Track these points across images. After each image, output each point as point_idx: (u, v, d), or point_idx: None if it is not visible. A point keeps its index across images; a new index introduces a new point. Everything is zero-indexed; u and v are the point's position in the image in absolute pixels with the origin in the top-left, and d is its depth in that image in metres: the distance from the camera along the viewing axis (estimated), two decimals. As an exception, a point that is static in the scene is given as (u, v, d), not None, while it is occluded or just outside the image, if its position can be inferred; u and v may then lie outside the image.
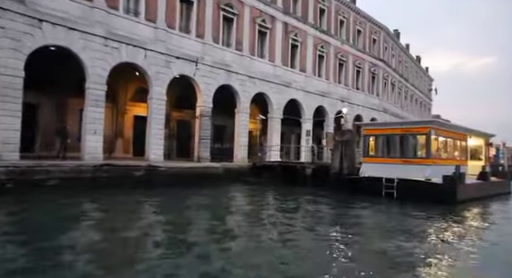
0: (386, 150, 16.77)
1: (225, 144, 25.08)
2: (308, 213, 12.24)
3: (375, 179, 16.14)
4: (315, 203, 14.36)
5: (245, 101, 22.60)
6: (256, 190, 17.97)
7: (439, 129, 15.85)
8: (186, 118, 23.76)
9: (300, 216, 11.77)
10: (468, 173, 18.32)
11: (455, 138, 17.53)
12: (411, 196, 14.76)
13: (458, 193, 14.39)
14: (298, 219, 11.02)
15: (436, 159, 15.76)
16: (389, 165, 16.07)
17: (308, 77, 28.01)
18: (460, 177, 14.71)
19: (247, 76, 22.61)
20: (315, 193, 17.35)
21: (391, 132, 16.48)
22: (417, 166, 15.51)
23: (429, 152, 15.36)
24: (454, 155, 17.62)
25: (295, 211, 12.50)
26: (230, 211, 12.11)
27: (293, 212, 12.05)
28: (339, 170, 18.00)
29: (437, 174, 14.78)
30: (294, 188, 19.04)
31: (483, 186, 17.28)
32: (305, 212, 12.45)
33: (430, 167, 15.28)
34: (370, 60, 36.23)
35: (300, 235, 8.76)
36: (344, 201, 15.10)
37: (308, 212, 12.53)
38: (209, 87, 20.26)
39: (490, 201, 16.67)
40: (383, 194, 15.76)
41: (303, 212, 12.47)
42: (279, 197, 15.87)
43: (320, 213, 12.20)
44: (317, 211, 12.61)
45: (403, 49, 46.49)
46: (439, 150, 16.25)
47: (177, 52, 18.47)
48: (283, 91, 25.51)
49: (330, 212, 12.72)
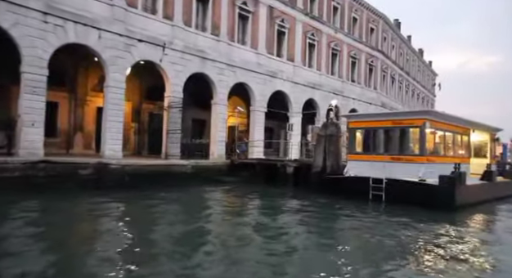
0: (374, 145, 14.51)
1: (204, 139, 22.92)
2: (260, 228, 9.56)
3: (361, 179, 13.95)
4: (282, 212, 12.05)
5: (223, 92, 20.40)
6: (225, 192, 15.81)
7: (436, 121, 13.57)
8: (160, 111, 21.64)
9: (250, 230, 9.20)
10: (470, 173, 16.12)
11: (455, 132, 15.24)
12: (402, 200, 12.58)
13: (457, 196, 12.14)
14: (245, 235, 8.64)
15: (432, 157, 13.50)
16: (377, 163, 13.83)
17: (297, 67, 25.73)
18: (460, 178, 12.45)
19: (225, 64, 20.40)
20: (293, 196, 15.20)
21: (379, 124, 14.23)
22: (409, 164, 13.27)
23: (424, 148, 13.11)
24: (453, 152, 15.33)
25: (247, 223, 10.05)
26: (165, 225, 9.94)
27: (242, 225, 9.68)
28: (321, 169, 15.79)
29: (433, 174, 12.55)
30: (271, 189, 16.90)
31: (488, 188, 14.99)
32: (257, 227, 9.73)
33: (424, 165, 13.03)
34: (367, 50, 33.85)
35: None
36: (323, 206, 12.90)
37: (262, 226, 9.53)
38: (180, 75, 18.08)
39: (495, 205, 14.37)
40: (370, 196, 13.57)
41: (253, 226, 9.84)
42: (243, 202, 13.69)
43: (282, 229, 9.41)
44: (281, 226, 9.88)
45: (404, 40, 43.99)
46: (436, 146, 13.98)
47: (139, 35, 16.29)
48: (267, 82, 23.27)
49: (299, 223, 10.43)
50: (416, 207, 12.11)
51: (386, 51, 37.61)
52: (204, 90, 20.56)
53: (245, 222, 9.77)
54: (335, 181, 14.84)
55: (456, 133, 15.43)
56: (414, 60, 48.60)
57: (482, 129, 17.86)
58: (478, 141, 19.38)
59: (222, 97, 20.31)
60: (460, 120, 15.51)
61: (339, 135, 15.83)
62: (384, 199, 13.26)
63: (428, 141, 13.60)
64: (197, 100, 20.91)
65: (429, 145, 13.80)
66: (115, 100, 15.47)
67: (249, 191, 16.15)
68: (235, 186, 17.38)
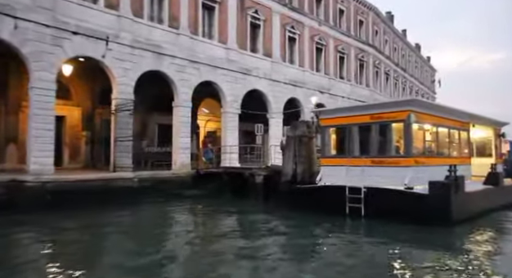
0: (350, 146, 11.88)
1: (170, 147, 20.42)
2: (213, 262, 7.29)
3: (336, 189, 11.35)
4: (240, 236, 9.52)
5: (186, 92, 17.89)
6: (181, 209, 13.27)
7: (424, 114, 10.94)
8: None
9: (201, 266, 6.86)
10: (471, 175, 13.49)
11: (450, 127, 12.59)
12: (386, 213, 9.99)
13: (454, 207, 9.49)
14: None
15: (421, 158, 10.85)
16: (355, 168, 11.22)
17: (276, 63, 23.22)
18: (457, 183, 9.79)
19: (187, 60, 17.92)
20: (261, 212, 12.70)
21: (355, 120, 11.61)
22: (393, 169, 10.65)
23: (410, 147, 10.47)
24: (449, 151, 12.66)
25: (192, 255, 7.65)
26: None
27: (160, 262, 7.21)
28: (291, 177, 13.18)
29: (423, 180, 9.92)
30: (238, 203, 14.39)
31: (493, 194, 12.28)
32: (209, 259, 7.53)
33: (412, 169, 10.38)
34: (357, 45, 31.31)
35: None
36: (289, 226, 10.35)
37: (215, 258, 7.56)
38: (129, 73, 15.61)
39: (503, 216, 11.64)
40: (346, 210, 10.95)
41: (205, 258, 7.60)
42: (195, 224, 11.20)
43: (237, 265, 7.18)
44: (236, 260, 7.61)
45: (398, 35, 41.42)
46: (426, 145, 11.33)
47: (74, 26, 13.87)
48: (240, 80, 20.76)
49: (252, 256, 7.84)
50: (403, 222, 9.53)
51: (378, 45, 35.06)
52: (170, 91, 18.09)
53: (188, 255, 7.19)
54: (306, 192, 12.22)
55: (452, 128, 12.78)
56: (410, 56, 45.98)
57: (484, 123, 15.19)
58: (480, 137, 16.72)
59: (184, 98, 17.80)
60: (456, 112, 12.86)
61: (311, 136, 13.22)
62: (363, 213, 10.63)
63: (415, 139, 10.98)
64: (163, 102, 18.40)
65: (418, 144, 11.17)
66: (43, 104, 12.97)
67: (210, 208, 13.71)
68: (196, 202, 14.84)
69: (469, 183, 12.41)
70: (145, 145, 20.22)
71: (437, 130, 11.85)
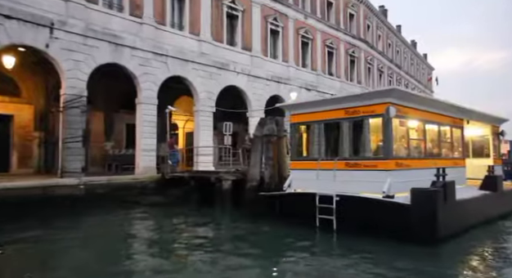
0: (322, 146, 10.12)
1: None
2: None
3: (305, 197, 9.61)
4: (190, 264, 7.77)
5: (151, 88, 16.16)
6: (136, 221, 11.49)
7: (407, 107, 9.19)
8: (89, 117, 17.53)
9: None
10: (466, 179, 11.81)
11: (440, 123, 10.84)
12: (361, 227, 8.26)
13: (440, 221, 7.74)
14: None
15: (403, 160, 9.09)
16: (327, 173, 9.47)
17: (256, 57, 21.50)
18: (446, 191, 8.03)
19: (152, 53, 16.19)
20: (224, 223, 10.94)
21: (328, 116, 9.85)
22: (370, 173, 8.89)
23: (389, 147, 8.70)
24: (439, 152, 10.92)
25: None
26: None
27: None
28: (258, 183, 11.45)
29: (406, 186, 8.16)
30: (204, 213, 12.70)
31: (490, 201, 10.52)
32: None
33: (391, 174, 8.62)
34: (347, 39, 29.59)
35: None
36: (246, 243, 8.57)
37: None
38: (81, 66, 13.87)
39: (502, 228, 9.86)
40: (316, 222, 9.23)
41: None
42: (141, 241, 9.36)
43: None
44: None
45: (393, 30, 39.71)
46: (410, 144, 9.57)
47: (6, 9, 12.11)
48: (215, 76, 19.04)
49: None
50: (382, 238, 7.81)
51: (371, 40, 33.35)
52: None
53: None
54: (272, 201, 10.48)
55: (443, 125, 11.03)
56: (406, 53, 44.27)
57: (480, 120, 13.44)
58: (476, 136, 15.00)
59: (149, 95, 16.07)
60: (447, 107, 11.12)
61: (280, 135, 11.48)
62: (335, 226, 8.89)
63: (397, 137, 9.25)
64: (133, 100, 16.65)
65: (400, 143, 9.45)
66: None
67: (166, 219, 11.96)
68: (154, 211, 13.07)
69: (462, 189, 10.69)
70: (111, 147, 18.50)
71: (425, 127, 10.09)
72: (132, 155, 16.81)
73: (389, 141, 8.68)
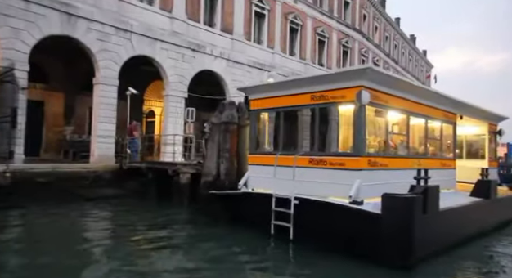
0: (283, 138, 8.47)
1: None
2: None
3: (261, 198, 8.02)
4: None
5: (111, 67, 14.42)
6: (51, 222, 9.77)
7: (386, 94, 7.52)
8: (40, 97, 15.89)
9: None
10: (458, 181, 10.32)
11: (427, 117, 9.20)
12: (322, 239, 6.70)
13: (417, 238, 6.14)
14: None
15: (378, 158, 7.44)
16: (286, 170, 7.84)
17: (237, 41, 19.74)
18: (427, 198, 6.41)
19: (114, 27, 14.42)
20: (168, 223, 9.33)
21: (292, 102, 8.16)
22: (337, 172, 7.25)
23: (360, 142, 7.03)
24: (425, 150, 9.30)
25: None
26: None
27: None
28: (214, 178, 9.81)
29: (380, 190, 6.52)
30: (155, 209, 11.16)
31: (482, 210, 8.93)
32: None
33: (362, 174, 6.97)
34: (341, 28, 27.80)
35: None
36: (182, 250, 6.99)
37: None
38: (21, 35, 12.06)
39: (496, 247, 8.25)
40: (271, 229, 7.65)
41: None
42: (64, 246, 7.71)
43: None
44: None
45: (391, 22, 37.89)
46: (388, 139, 7.91)
47: None
48: (189, 58, 17.29)
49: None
50: (346, 256, 6.27)
51: (366, 31, 31.58)
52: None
53: None
54: (225, 201, 8.87)
55: (431, 119, 9.39)
56: (404, 47, 42.50)
57: (476, 116, 11.81)
58: (471, 134, 13.43)
59: (108, 75, 14.33)
60: (437, 98, 9.47)
61: (242, 123, 9.81)
62: (291, 235, 7.28)
63: (372, 130, 7.62)
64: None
65: (374, 138, 7.82)
66: None
67: (110, 216, 10.37)
68: (100, 206, 11.43)
69: (449, 195, 9.12)
70: (71, 131, 16.78)
71: (408, 120, 8.44)
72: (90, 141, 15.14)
73: (361, 135, 7.02)
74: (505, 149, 34.57)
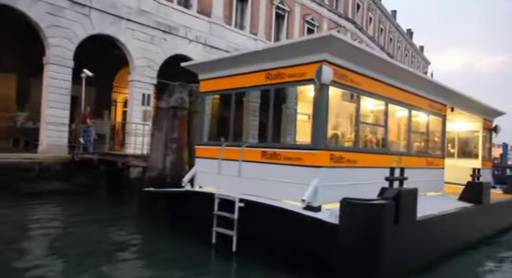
0: (236, 126, 6.99)
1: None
2: None
3: (201, 199, 6.58)
4: None
5: (64, 45, 12.86)
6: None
7: (357, 74, 6.03)
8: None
9: None
10: (447, 182, 9.00)
11: (412, 106, 7.75)
12: (271, 253, 5.31)
13: (386, 254, 4.71)
14: None
15: (342, 153, 5.97)
16: (232, 165, 6.40)
17: (216, 25, 18.17)
18: (399, 205, 4.98)
19: (69, 0, 12.85)
20: (109, 224, 7.89)
21: (246, 82, 6.66)
22: (292, 169, 5.79)
23: (320, 131, 5.56)
24: (408, 146, 7.86)
25: None
26: None
27: None
28: (159, 172, 8.34)
29: (342, 194, 5.06)
30: (101, 207, 9.77)
31: (471, 218, 7.52)
32: None
33: (321, 172, 5.51)
34: (332, 17, 26.26)
35: None
36: (102, 264, 5.52)
37: None
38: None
39: (488, 261, 6.84)
40: (213, 237, 6.21)
41: None
42: None
43: None
44: None
45: (386, 14, 36.36)
46: (358, 130, 6.42)
47: None
48: (159, 40, 15.74)
49: None
50: (302, 273, 4.88)
51: (360, 22, 30.05)
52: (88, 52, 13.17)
53: None
54: (167, 201, 7.43)
55: (416, 109, 7.94)
56: (400, 41, 41.02)
57: (469, 109, 10.39)
58: (464, 130, 12.07)
59: (60, 54, 12.78)
60: (423, 83, 8.02)
61: (192, 108, 8.32)
62: (235, 246, 5.84)
63: (336, 118, 6.18)
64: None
65: (339, 127, 6.37)
66: None
67: (48, 215, 8.87)
68: (40, 204, 9.93)
69: (434, 199, 7.75)
70: (23, 118, 15.20)
71: (387, 108, 6.98)
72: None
73: (321, 122, 5.56)
74: (500, 149, 33.35)
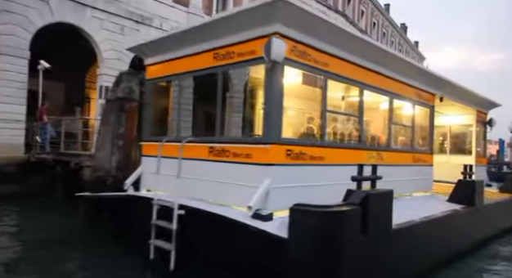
0: (175, 118, 5.92)
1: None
2: None
3: (143, 205, 5.47)
4: None
5: (17, 34, 11.70)
6: None
7: (319, 51, 4.97)
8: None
9: None
10: (439, 180, 8.05)
11: (392, 93, 6.69)
12: (216, 270, 4.19)
13: (349, 273, 3.65)
14: None
15: (302, 148, 4.88)
16: (171, 163, 5.34)
17: (194, 15, 17.05)
18: (367, 212, 3.91)
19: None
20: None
21: (193, 65, 5.57)
22: (240, 168, 4.72)
23: (271, 121, 4.49)
24: (387, 139, 6.82)
25: None
26: None
27: None
28: (106, 173, 7.23)
29: (303, 198, 3.98)
30: (53, 214, 8.70)
31: (463, 223, 6.47)
32: None
33: (272, 172, 4.44)
34: (321, 9, 25.11)
35: None
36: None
37: None
38: None
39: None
40: (151, 252, 5.11)
41: None
42: None
43: None
44: None
45: (379, 8, 35.33)
46: (323, 120, 5.34)
47: None
48: (130, 31, 14.63)
49: None
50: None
51: (351, 15, 29.01)
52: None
53: None
54: (109, 207, 6.35)
55: (398, 97, 6.89)
56: (393, 36, 40.00)
57: (461, 100, 9.37)
58: (457, 124, 11.09)
59: (13, 43, 11.60)
60: (407, 68, 6.96)
61: (143, 100, 7.21)
62: (173, 264, 4.74)
63: (294, 104, 5.10)
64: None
65: (300, 117, 5.31)
66: None
67: None
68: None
69: (419, 201, 6.73)
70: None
71: (362, 95, 5.91)
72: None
73: (274, 110, 4.49)
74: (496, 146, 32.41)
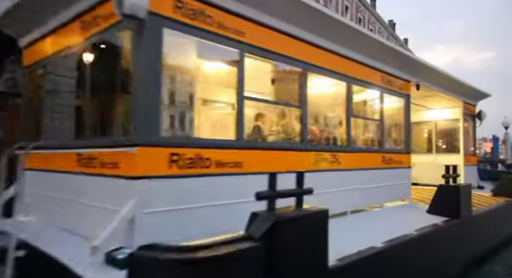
0: (52, 117, 4.41)
1: None
2: None
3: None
4: None
5: None
6: None
7: (223, 11, 3.49)
8: None
9: None
10: (425, 184, 6.58)
11: (351, 78, 5.19)
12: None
13: None
14: None
15: (194, 150, 3.36)
16: (50, 179, 3.81)
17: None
18: (275, 247, 2.40)
19: None
20: None
21: (61, 43, 4.07)
22: (103, 182, 3.19)
23: (139, 111, 2.99)
24: (346, 136, 5.34)
25: None
26: None
27: None
28: None
29: (191, 226, 2.45)
30: None
31: (444, 243, 4.96)
32: None
33: (140, 188, 2.92)
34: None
35: None
36: None
37: None
38: None
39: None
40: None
41: None
42: None
43: None
44: None
45: (365, 3, 34.08)
46: (238, 109, 3.81)
47: None
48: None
49: None
50: None
51: (334, 11, 27.65)
52: None
53: None
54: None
55: (360, 83, 5.42)
56: (381, 33, 38.73)
57: (444, 89, 7.91)
58: (443, 119, 9.69)
59: None
60: (372, 45, 5.49)
61: (23, 96, 5.66)
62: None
63: (186, 89, 3.62)
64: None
65: (198, 107, 3.82)
66: None
67: None
68: None
69: (388, 215, 5.25)
70: None
71: (304, 78, 4.42)
72: None
73: (145, 96, 2.98)
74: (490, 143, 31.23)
